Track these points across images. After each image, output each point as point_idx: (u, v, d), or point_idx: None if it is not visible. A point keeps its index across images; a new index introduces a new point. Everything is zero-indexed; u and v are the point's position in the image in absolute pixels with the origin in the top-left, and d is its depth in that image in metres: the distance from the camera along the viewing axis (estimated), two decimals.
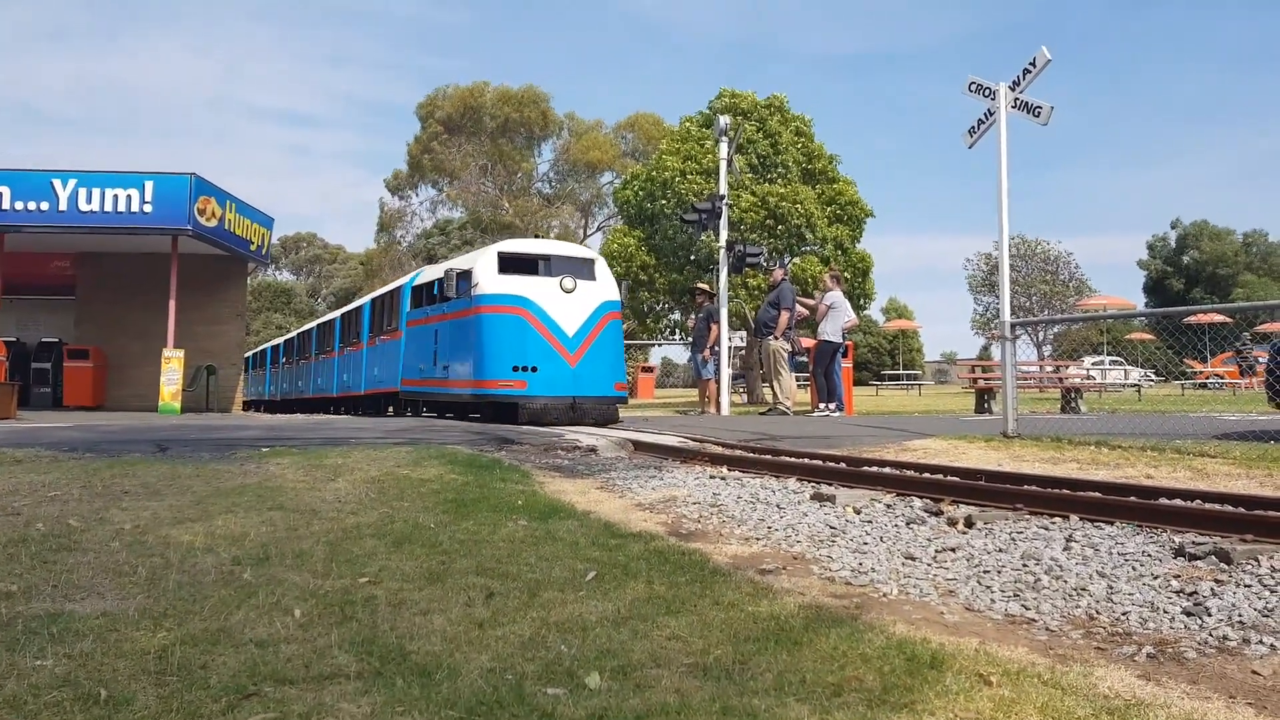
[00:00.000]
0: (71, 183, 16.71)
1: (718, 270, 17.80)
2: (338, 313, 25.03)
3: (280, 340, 36.52)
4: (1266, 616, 3.14)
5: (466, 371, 12.98)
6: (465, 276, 13.25)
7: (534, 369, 11.95)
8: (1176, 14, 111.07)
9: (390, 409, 18.85)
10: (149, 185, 16.84)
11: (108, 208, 16.73)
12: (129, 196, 16.77)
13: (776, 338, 15.68)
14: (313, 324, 29.03)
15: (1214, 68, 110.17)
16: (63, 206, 16.65)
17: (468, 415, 14.07)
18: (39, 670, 2.45)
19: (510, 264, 13.11)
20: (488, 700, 2.30)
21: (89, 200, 16.70)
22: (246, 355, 41.68)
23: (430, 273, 16.20)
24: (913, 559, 4.15)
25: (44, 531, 4.29)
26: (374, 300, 20.08)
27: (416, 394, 15.76)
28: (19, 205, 16.63)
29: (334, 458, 7.16)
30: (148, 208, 16.81)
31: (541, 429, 11.56)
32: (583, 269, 13.24)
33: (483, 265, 13.09)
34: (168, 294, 17.46)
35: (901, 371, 49.70)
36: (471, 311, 12.88)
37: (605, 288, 13.20)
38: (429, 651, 2.68)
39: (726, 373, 17.51)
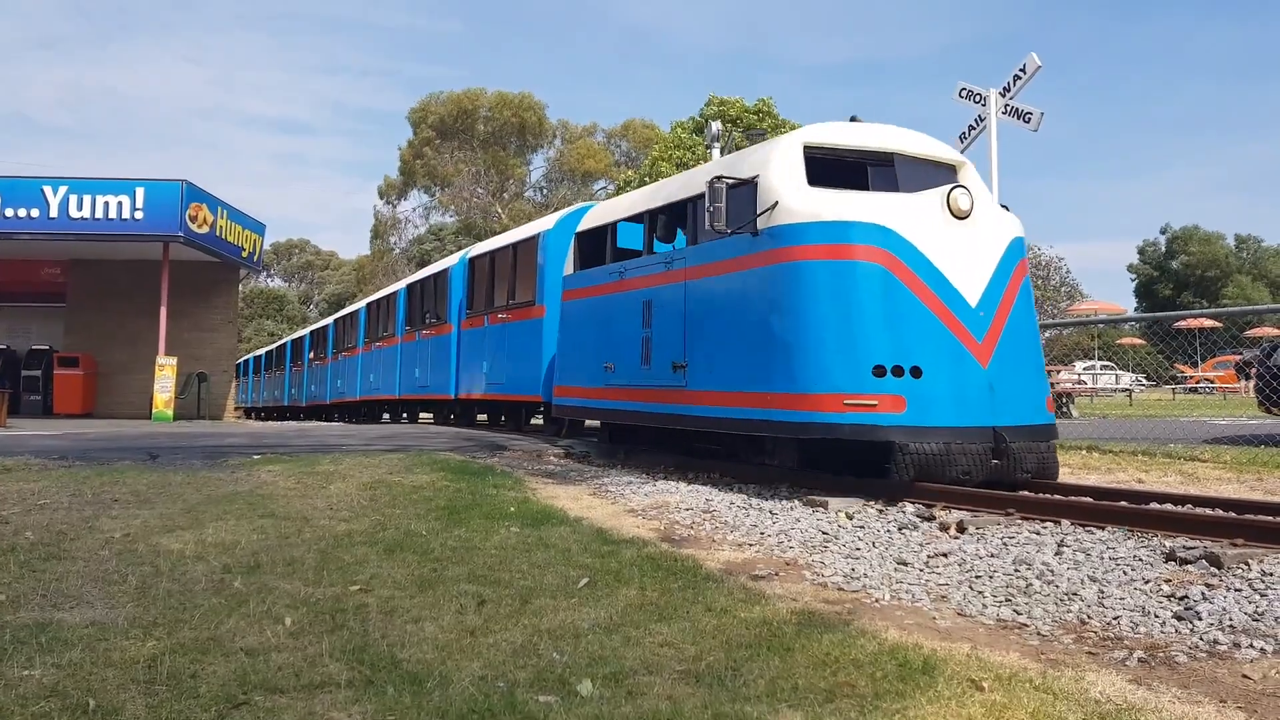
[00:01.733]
0: (62, 189, 16.66)
1: None
2: (400, 285, 18.71)
3: (306, 332, 29.54)
4: (1257, 620, 3.15)
5: (748, 377, 6.88)
6: (743, 191, 7.01)
7: (917, 371, 6.08)
8: (1166, 26, 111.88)
9: (501, 418, 13.92)
10: (140, 192, 16.80)
11: (99, 215, 16.68)
12: (120, 203, 16.73)
13: None
14: (359, 304, 22.58)
15: (1204, 79, 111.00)
16: (53, 213, 16.60)
17: (732, 451, 8.04)
18: (27, 680, 2.44)
19: (829, 169, 7.05)
20: (480, 708, 2.29)
21: (80, 207, 16.66)
22: (257, 354, 38.16)
23: (610, 209, 9.83)
24: (905, 564, 4.16)
25: (33, 540, 4.27)
26: (475, 261, 13.97)
27: (594, 411, 9.63)
28: (9, 212, 16.57)
29: (325, 465, 7.14)
30: (139, 215, 16.77)
31: (532, 442, 11.29)
32: (950, 181, 6.98)
33: (780, 169, 6.90)
34: (159, 301, 17.41)
35: None
36: (765, 258, 6.79)
37: (1002, 215, 6.99)
38: (420, 659, 2.67)
39: None
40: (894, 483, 5.97)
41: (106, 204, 16.74)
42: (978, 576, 3.88)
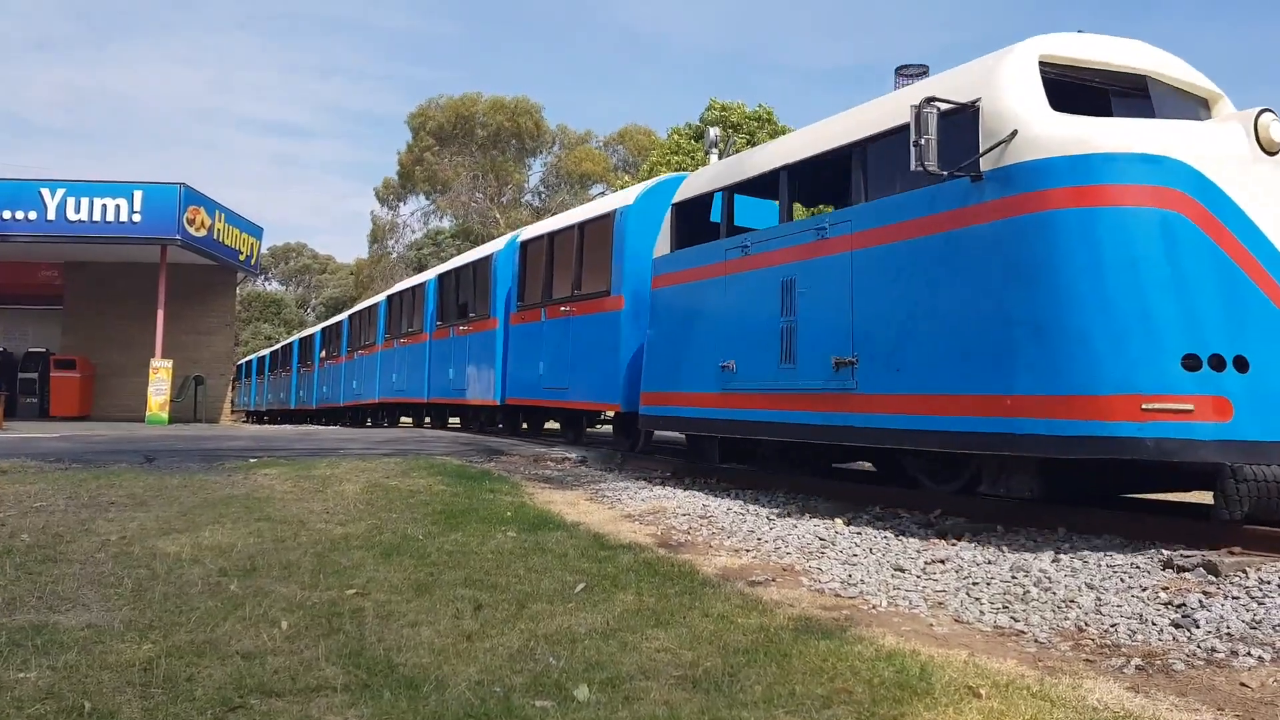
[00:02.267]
0: (60, 192, 16.66)
1: None
2: (429, 275, 16.69)
3: (316, 329, 27.02)
4: (1254, 628, 3.15)
5: (969, 374, 5.12)
6: (959, 120, 5.26)
7: (1242, 363, 4.48)
8: (1166, 26, 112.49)
9: (545, 425, 13.23)
10: (138, 195, 16.80)
11: (96, 217, 16.68)
12: (117, 206, 16.73)
13: None
14: (378, 297, 20.50)
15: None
16: (51, 216, 16.60)
17: (911, 477, 6.33)
18: (22, 683, 2.43)
19: (1066, 93, 5.28)
20: (476, 713, 2.29)
21: (77, 210, 16.66)
22: (261, 354, 37.24)
23: (721, 171, 8.02)
24: (902, 571, 4.15)
25: (29, 542, 4.26)
26: (527, 245, 12.06)
27: (704, 422, 7.51)
28: (6, 214, 16.55)
29: (322, 468, 7.13)
30: (136, 217, 16.77)
31: (534, 445, 11.35)
32: (1201, 111, 5.72)
33: (1013, 88, 5.20)
34: (156, 304, 17.41)
35: None
36: (997, 208, 5.09)
37: None
38: (417, 664, 2.67)
39: None
40: (1216, 526, 4.40)
41: (104, 206, 16.74)
42: (975, 583, 3.88)
